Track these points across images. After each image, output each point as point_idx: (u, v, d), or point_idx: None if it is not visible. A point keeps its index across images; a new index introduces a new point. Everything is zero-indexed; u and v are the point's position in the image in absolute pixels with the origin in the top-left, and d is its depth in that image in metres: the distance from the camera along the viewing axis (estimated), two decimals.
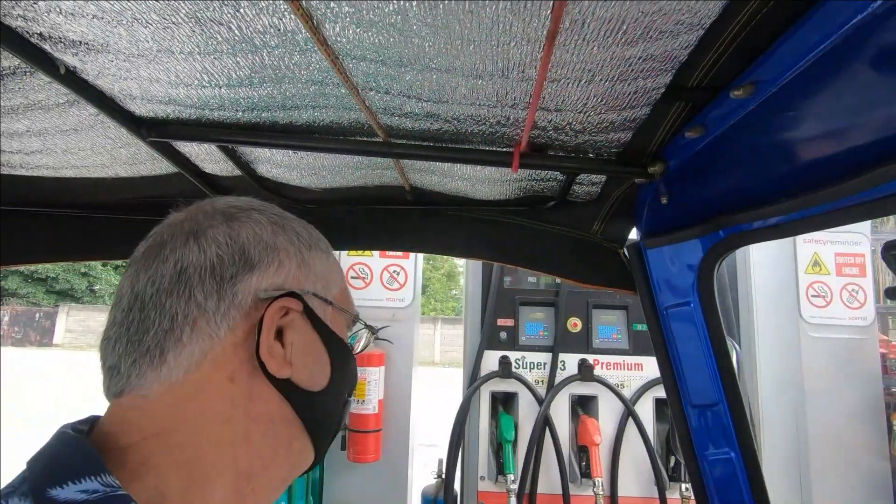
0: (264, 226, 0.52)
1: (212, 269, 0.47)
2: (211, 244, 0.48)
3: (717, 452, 0.81)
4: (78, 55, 0.53)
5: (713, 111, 0.58)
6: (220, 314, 0.46)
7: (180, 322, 0.45)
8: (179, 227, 0.50)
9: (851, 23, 0.39)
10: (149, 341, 0.45)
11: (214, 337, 0.46)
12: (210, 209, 0.52)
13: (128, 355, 0.45)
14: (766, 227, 0.68)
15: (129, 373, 0.45)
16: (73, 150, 0.78)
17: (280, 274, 0.50)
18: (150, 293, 0.46)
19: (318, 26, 0.47)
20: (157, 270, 0.47)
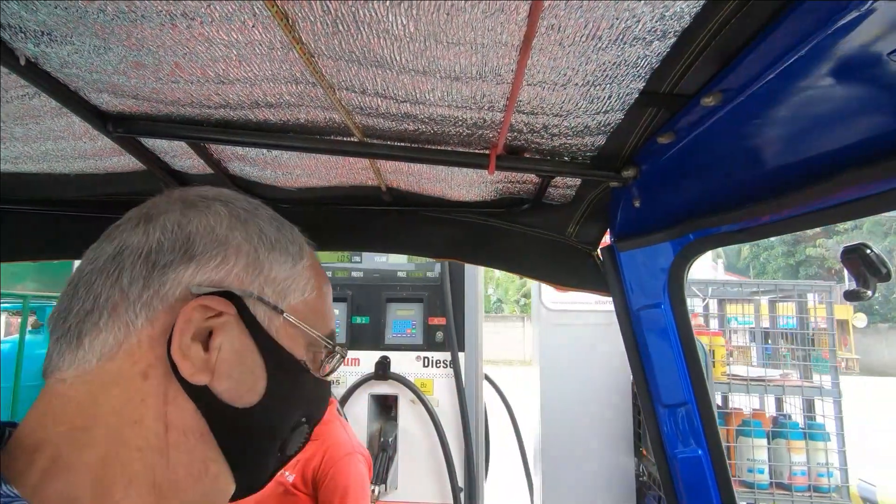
0: (221, 218, 0.48)
1: (147, 254, 0.44)
2: (157, 229, 0.45)
3: (686, 450, 0.83)
4: (40, 45, 0.51)
5: (684, 117, 0.59)
6: (142, 303, 0.43)
7: (100, 304, 0.43)
8: (139, 210, 0.48)
9: (817, 34, 0.40)
10: (70, 320, 0.43)
11: (131, 326, 0.42)
12: (177, 196, 0.49)
13: (54, 333, 0.43)
14: (734, 231, 0.70)
15: (52, 352, 0.43)
16: (32, 143, 0.75)
17: (221, 270, 0.46)
18: (86, 271, 0.44)
19: (293, 25, 0.47)
20: (101, 249, 0.45)
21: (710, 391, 0.83)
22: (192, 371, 0.43)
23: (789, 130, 0.55)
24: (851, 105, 0.47)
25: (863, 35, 0.39)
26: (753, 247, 26.44)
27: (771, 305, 2.97)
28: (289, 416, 0.50)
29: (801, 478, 2.33)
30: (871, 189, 0.49)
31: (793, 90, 0.49)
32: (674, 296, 0.82)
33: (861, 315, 19.96)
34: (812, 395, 2.50)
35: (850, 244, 0.64)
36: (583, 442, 2.67)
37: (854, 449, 2.53)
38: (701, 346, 0.86)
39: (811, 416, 2.60)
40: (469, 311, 2.41)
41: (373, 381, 2.29)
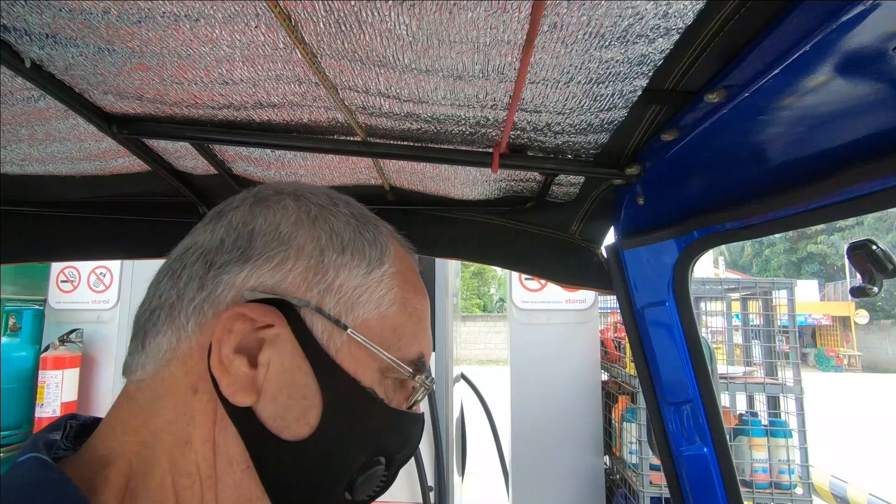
0: (289, 213, 0.43)
1: (206, 253, 0.41)
2: (223, 226, 0.42)
3: (692, 448, 0.83)
4: (44, 48, 0.52)
5: (688, 114, 0.59)
6: (193, 305, 0.39)
7: (161, 303, 0.40)
8: (217, 207, 0.46)
9: (821, 29, 0.40)
10: (143, 320, 0.41)
11: (182, 331, 0.39)
12: (254, 191, 0.46)
13: (133, 331, 0.41)
14: (738, 228, 0.70)
15: (130, 350, 0.41)
16: (38, 145, 0.76)
17: (277, 273, 0.40)
18: (161, 268, 0.43)
19: (295, 25, 0.47)
20: (180, 245, 0.44)
21: (715, 389, 0.83)
22: (232, 389, 0.37)
23: (793, 127, 0.55)
24: (855, 101, 0.47)
25: (867, 30, 0.39)
26: (756, 244, 26.39)
27: (742, 303, 2.97)
28: (352, 453, 0.41)
29: (763, 475, 2.33)
30: (876, 185, 0.49)
31: (796, 86, 0.49)
32: (678, 293, 0.82)
33: (863, 312, 19.94)
34: (776, 392, 2.51)
35: (856, 240, 0.64)
36: (553, 441, 2.67)
37: (838, 446, 2.53)
38: (706, 344, 0.85)
39: (775, 414, 2.60)
40: (439, 311, 2.41)
41: None
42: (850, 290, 0.66)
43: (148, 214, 1.04)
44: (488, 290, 26.80)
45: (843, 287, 21.68)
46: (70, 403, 2.74)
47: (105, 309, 2.92)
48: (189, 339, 0.39)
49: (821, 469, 3.35)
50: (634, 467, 2.44)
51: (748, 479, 2.33)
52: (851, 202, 0.53)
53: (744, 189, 0.66)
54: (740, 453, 2.37)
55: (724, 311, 3.14)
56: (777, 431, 2.38)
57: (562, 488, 2.66)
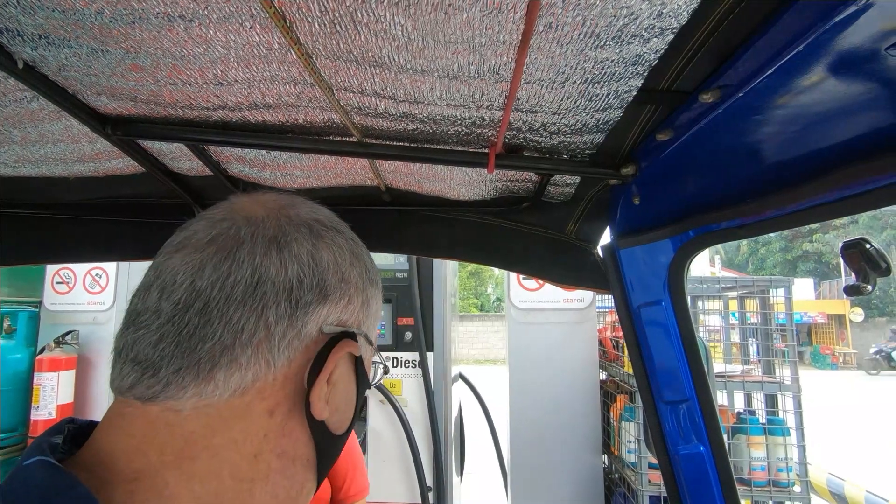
0: (343, 252, 0.48)
1: (290, 290, 0.42)
2: (294, 261, 0.43)
3: (688, 447, 0.83)
4: (37, 49, 0.51)
5: (683, 114, 0.59)
6: (286, 342, 0.42)
7: (244, 340, 0.40)
8: (261, 227, 0.44)
9: (814, 29, 0.40)
10: (203, 352, 0.39)
11: (271, 365, 0.41)
12: (294, 217, 0.47)
13: (174, 359, 0.39)
14: (733, 227, 0.70)
15: (170, 380, 0.39)
16: (31, 146, 0.75)
17: (347, 310, 0.47)
18: (217, 297, 0.40)
19: (290, 26, 0.47)
20: (231, 273, 0.41)
21: (711, 388, 0.83)
22: (322, 410, 0.43)
23: (788, 126, 0.55)
24: (850, 100, 0.48)
25: (861, 30, 0.40)
26: (751, 243, 26.49)
27: (740, 301, 2.98)
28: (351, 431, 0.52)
29: (761, 473, 2.34)
30: (870, 184, 0.49)
31: (791, 86, 0.49)
32: (674, 292, 0.82)
33: (858, 310, 20.04)
34: (773, 391, 2.51)
35: (850, 239, 0.64)
36: (551, 440, 2.68)
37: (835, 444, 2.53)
38: (702, 343, 0.86)
39: (773, 412, 2.61)
40: (437, 311, 2.42)
41: None
42: (844, 288, 0.66)
43: (142, 216, 1.03)
44: (485, 289, 26.83)
45: (839, 285, 21.78)
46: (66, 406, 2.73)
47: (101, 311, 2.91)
48: (276, 371, 0.42)
49: (818, 467, 3.36)
50: (633, 466, 2.45)
51: (746, 477, 2.34)
52: (846, 201, 0.53)
53: (739, 188, 0.66)
54: (738, 451, 2.38)
55: (722, 310, 3.15)
56: (775, 429, 2.39)
57: (560, 487, 2.66)
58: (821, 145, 0.54)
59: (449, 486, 2.38)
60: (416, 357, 2.37)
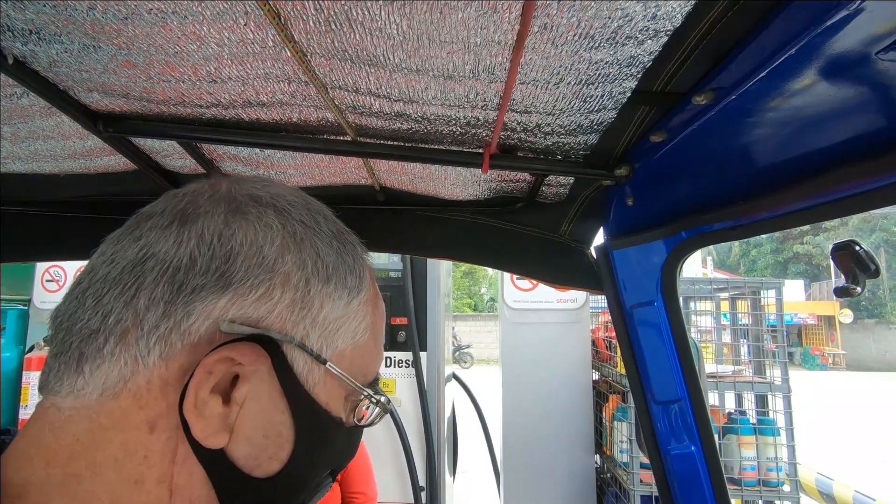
0: (273, 234, 0.38)
1: (174, 271, 0.35)
2: (192, 237, 0.36)
3: (679, 447, 0.84)
4: (28, 44, 0.51)
5: (676, 116, 0.60)
6: (158, 335, 0.34)
7: (108, 326, 0.34)
8: (176, 201, 0.38)
9: (807, 33, 0.41)
10: (72, 336, 0.34)
11: (140, 361, 0.34)
12: (225, 192, 0.39)
13: (55, 345, 0.35)
14: (725, 229, 0.71)
15: (51, 367, 0.35)
16: (21, 143, 0.74)
17: (262, 306, 0.36)
18: (99, 275, 0.35)
19: (285, 23, 0.46)
20: (122, 249, 0.36)
21: (703, 388, 0.83)
22: (206, 433, 0.34)
23: (780, 128, 0.56)
24: (841, 103, 0.48)
25: (852, 34, 0.40)
26: (743, 244, 26.71)
27: (731, 302, 3.00)
28: (314, 477, 0.41)
29: (751, 472, 2.36)
30: (860, 187, 0.50)
31: (783, 89, 0.50)
32: (667, 293, 0.83)
33: (847, 311, 20.25)
34: (764, 391, 2.54)
35: (840, 241, 0.65)
36: (544, 440, 2.69)
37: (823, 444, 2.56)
38: (693, 343, 0.86)
39: (763, 412, 2.64)
40: (431, 311, 2.42)
41: None
42: (833, 290, 0.67)
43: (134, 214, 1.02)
44: (479, 289, 26.86)
45: (829, 287, 22.00)
46: None
47: None
48: (148, 371, 0.34)
49: (807, 466, 3.39)
50: (625, 466, 2.46)
51: (737, 476, 2.36)
52: (837, 203, 0.53)
53: (732, 190, 0.67)
54: (729, 451, 2.40)
55: (714, 311, 3.17)
56: (765, 429, 2.41)
57: (553, 487, 2.67)
58: (812, 148, 0.54)
59: (442, 486, 2.38)
60: (409, 357, 2.37)
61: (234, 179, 0.42)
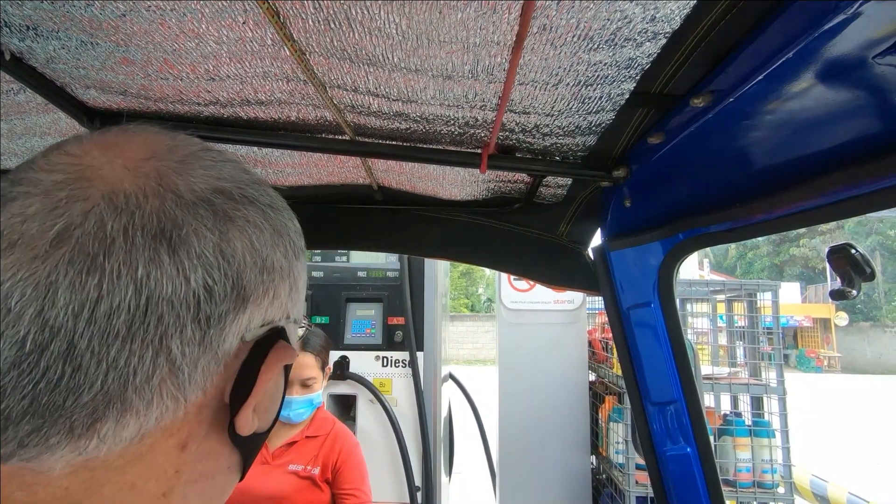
0: (262, 232, 0.36)
1: (196, 308, 0.31)
2: (196, 265, 0.31)
3: (675, 448, 0.84)
4: (25, 40, 0.50)
5: (674, 118, 0.60)
6: (199, 371, 0.32)
7: (139, 384, 0.30)
8: (137, 215, 0.30)
9: (804, 36, 0.41)
10: (75, 408, 0.28)
11: (180, 401, 0.32)
12: (186, 190, 0.33)
13: (27, 418, 0.28)
14: (723, 231, 0.71)
15: (25, 441, 0.28)
16: (17, 139, 0.74)
17: (274, 305, 0.37)
18: (86, 334, 0.28)
19: (284, 22, 0.46)
20: (102, 294, 0.28)
21: (699, 389, 0.84)
22: (247, 428, 0.35)
23: (778, 131, 0.56)
24: (838, 107, 0.48)
25: (849, 38, 0.40)
26: (739, 247, 26.79)
27: (728, 304, 3.01)
28: None
29: (746, 474, 2.37)
30: (858, 190, 0.50)
31: (781, 92, 0.50)
32: (663, 295, 0.83)
33: (843, 314, 20.33)
34: (759, 393, 2.54)
35: (836, 244, 0.65)
36: (540, 441, 2.69)
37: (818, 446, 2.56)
38: (689, 345, 0.86)
39: (759, 414, 2.65)
40: (428, 311, 2.43)
41: (331, 381, 2.29)
42: (829, 292, 0.67)
43: None
44: (476, 289, 26.87)
45: (824, 289, 22.08)
46: None
47: None
48: (186, 405, 0.32)
49: (802, 468, 3.40)
50: (621, 467, 2.46)
51: (732, 478, 2.36)
52: (833, 206, 0.54)
53: (729, 192, 0.67)
54: (724, 453, 2.40)
55: (710, 313, 3.18)
56: (760, 431, 2.42)
57: (549, 488, 2.67)
58: (809, 151, 0.54)
59: (437, 486, 2.38)
60: (406, 356, 2.37)
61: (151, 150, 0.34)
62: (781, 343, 2.60)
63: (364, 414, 2.34)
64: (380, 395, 2.29)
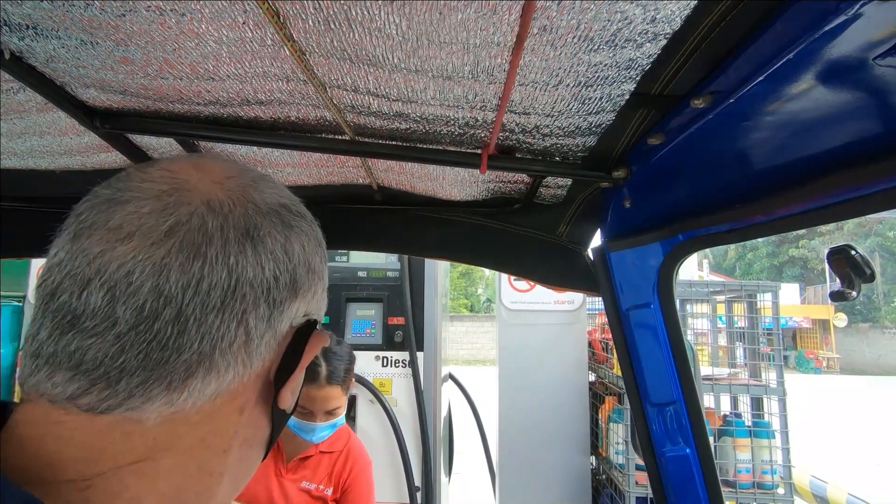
0: (311, 241, 0.46)
1: (268, 291, 0.40)
2: (269, 259, 0.40)
3: (675, 449, 0.84)
4: (25, 39, 0.50)
5: (674, 119, 0.60)
6: (264, 343, 0.40)
7: (224, 347, 0.37)
8: (230, 218, 0.39)
9: (805, 37, 0.41)
10: (178, 363, 0.36)
11: (248, 367, 0.40)
12: (261, 203, 0.42)
13: (138, 371, 0.35)
14: (723, 232, 0.71)
15: (133, 392, 0.35)
16: (17, 138, 0.74)
17: (314, 300, 0.46)
18: (192, 304, 0.36)
19: (284, 22, 0.46)
20: (204, 275, 0.37)
21: (698, 390, 0.84)
22: (287, 403, 0.44)
23: (778, 132, 0.56)
24: (838, 108, 0.48)
25: (850, 39, 0.40)
26: (739, 248, 26.81)
27: (727, 305, 3.02)
28: None
29: (746, 475, 2.37)
30: (856, 191, 0.50)
31: (781, 93, 0.50)
32: (663, 296, 0.83)
33: (842, 315, 20.35)
34: (759, 394, 2.54)
35: (836, 245, 0.65)
36: (540, 441, 2.69)
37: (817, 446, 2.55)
38: (689, 346, 0.86)
39: (758, 415, 2.64)
40: (428, 311, 2.42)
41: None
42: (829, 294, 0.67)
43: None
44: (476, 290, 26.86)
45: (824, 290, 22.08)
46: None
47: None
48: (250, 371, 0.40)
49: (802, 469, 3.40)
50: (621, 467, 2.46)
51: (731, 479, 2.36)
52: (833, 207, 0.54)
53: (729, 193, 0.67)
54: (724, 454, 2.40)
55: (710, 314, 3.18)
56: (760, 432, 2.42)
57: (548, 488, 2.67)
58: (809, 152, 0.54)
59: (437, 486, 2.38)
60: (405, 356, 2.37)
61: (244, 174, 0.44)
62: (781, 344, 2.59)
63: (364, 414, 2.34)
64: (380, 395, 2.29)
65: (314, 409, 1.45)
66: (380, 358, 2.39)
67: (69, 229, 0.39)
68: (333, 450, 1.60)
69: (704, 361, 3.03)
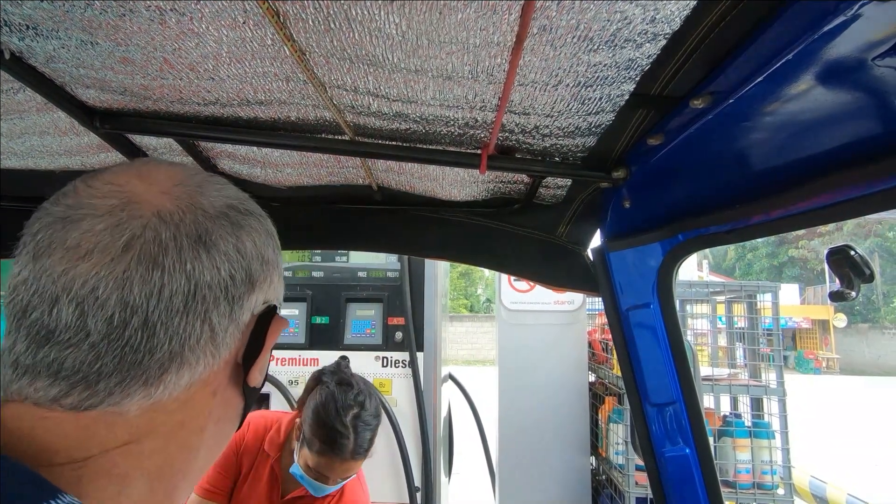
0: (261, 236, 0.48)
1: (226, 289, 0.43)
2: (223, 260, 0.43)
3: (674, 449, 0.84)
4: (25, 39, 0.50)
5: (674, 119, 0.60)
6: (228, 335, 0.44)
7: (192, 345, 0.41)
8: (181, 227, 0.41)
9: (804, 38, 0.41)
10: (151, 363, 0.39)
11: (216, 357, 0.44)
12: (209, 207, 0.44)
13: (115, 373, 0.38)
14: (722, 232, 0.71)
15: (112, 391, 0.38)
16: (16, 138, 0.74)
17: (270, 288, 0.49)
18: (156, 310, 0.39)
19: (284, 22, 0.46)
20: (164, 283, 0.39)
21: (698, 391, 0.84)
22: (257, 381, 0.49)
23: (777, 133, 0.56)
24: (837, 108, 0.48)
25: (848, 40, 0.40)
26: (738, 248, 26.81)
27: (727, 306, 3.02)
28: None
29: (746, 475, 2.37)
30: (856, 191, 0.50)
31: (780, 93, 0.50)
32: (663, 296, 0.83)
33: (841, 315, 20.35)
34: (759, 394, 2.54)
35: (835, 246, 0.65)
36: (540, 441, 2.68)
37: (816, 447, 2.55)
38: (689, 346, 0.86)
39: (758, 415, 2.64)
40: (428, 312, 2.42)
41: None
42: (828, 294, 0.67)
43: None
44: (475, 290, 26.86)
45: (823, 291, 22.08)
46: None
47: None
48: (219, 360, 0.44)
49: (801, 469, 3.40)
50: (620, 468, 2.46)
51: (731, 479, 2.36)
52: (832, 208, 0.54)
53: (728, 193, 0.67)
54: (724, 454, 2.40)
55: (710, 314, 3.18)
56: (760, 433, 2.41)
57: (548, 488, 2.67)
58: (809, 152, 0.55)
59: (437, 487, 2.38)
60: (405, 357, 2.37)
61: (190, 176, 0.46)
62: (781, 344, 2.59)
63: None
64: (380, 395, 2.29)
65: (331, 476, 1.37)
66: (379, 358, 2.39)
67: (27, 248, 0.40)
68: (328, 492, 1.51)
69: (704, 362, 3.03)
